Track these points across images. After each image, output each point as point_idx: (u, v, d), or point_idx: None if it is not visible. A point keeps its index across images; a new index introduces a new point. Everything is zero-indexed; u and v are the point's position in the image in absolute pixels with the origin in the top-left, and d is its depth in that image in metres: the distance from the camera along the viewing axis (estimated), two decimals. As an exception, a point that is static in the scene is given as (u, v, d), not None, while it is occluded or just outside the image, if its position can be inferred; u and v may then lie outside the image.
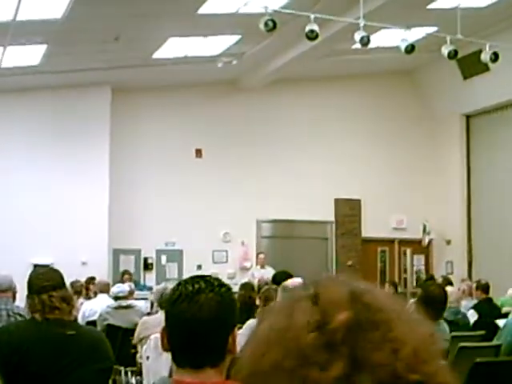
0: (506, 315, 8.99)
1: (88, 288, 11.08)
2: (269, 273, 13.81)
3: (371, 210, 16.46)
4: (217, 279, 2.22)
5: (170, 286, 7.53)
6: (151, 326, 7.03)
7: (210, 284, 2.14)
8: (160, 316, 6.15)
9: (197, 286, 2.12)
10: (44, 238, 13.58)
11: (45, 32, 11.05)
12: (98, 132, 14.41)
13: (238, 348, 2.07)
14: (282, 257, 14.69)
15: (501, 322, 8.13)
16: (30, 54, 12.25)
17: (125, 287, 9.01)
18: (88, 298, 10.62)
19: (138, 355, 7.32)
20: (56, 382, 3.46)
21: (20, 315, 4.97)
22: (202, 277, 2.20)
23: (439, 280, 11.96)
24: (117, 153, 14.53)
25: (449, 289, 8.64)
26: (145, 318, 7.81)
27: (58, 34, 11.16)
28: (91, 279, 11.55)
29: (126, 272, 13.97)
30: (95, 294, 10.22)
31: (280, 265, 13.62)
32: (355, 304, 0.89)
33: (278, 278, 7.38)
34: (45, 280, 3.61)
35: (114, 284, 9.89)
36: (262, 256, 15.02)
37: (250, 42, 12.86)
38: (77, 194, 13.95)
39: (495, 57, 11.43)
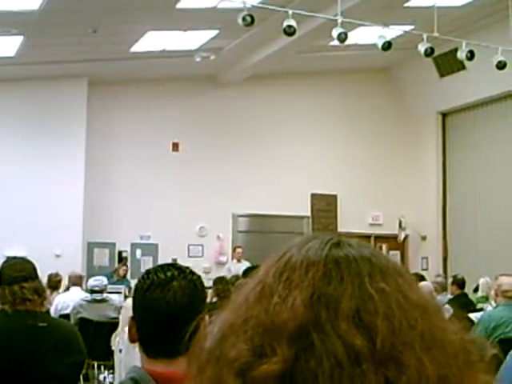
0: (480, 310, 9.11)
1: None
2: (245, 267, 13.84)
3: (347, 206, 16.52)
4: (187, 267, 2.17)
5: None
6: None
7: (182, 271, 2.09)
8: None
9: (169, 273, 2.06)
10: (18, 230, 13.44)
11: (21, 23, 10.96)
12: (73, 125, 14.30)
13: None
14: (257, 251, 14.65)
15: (475, 317, 8.23)
16: (6, 45, 12.15)
17: (103, 280, 8.87)
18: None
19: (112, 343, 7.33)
20: (27, 375, 3.41)
21: None
22: (172, 265, 2.15)
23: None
24: (93, 146, 14.44)
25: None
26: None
27: (34, 26, 11.07)
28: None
29: (124, 263, 14.01)
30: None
31: (256, 259, 13.58)
32: None
33: (249, 273, 7.37)
34: (16, 271, 3.53)
35: (88, 277, 9.76)
36: (239, 250, 14.95)
37: (228, 37, 12.84)
38: (51, 187, 13.84)
39: (471, 55, 11.51)
